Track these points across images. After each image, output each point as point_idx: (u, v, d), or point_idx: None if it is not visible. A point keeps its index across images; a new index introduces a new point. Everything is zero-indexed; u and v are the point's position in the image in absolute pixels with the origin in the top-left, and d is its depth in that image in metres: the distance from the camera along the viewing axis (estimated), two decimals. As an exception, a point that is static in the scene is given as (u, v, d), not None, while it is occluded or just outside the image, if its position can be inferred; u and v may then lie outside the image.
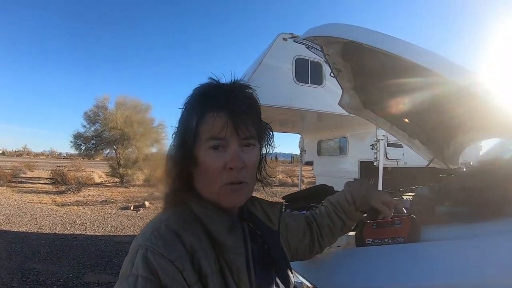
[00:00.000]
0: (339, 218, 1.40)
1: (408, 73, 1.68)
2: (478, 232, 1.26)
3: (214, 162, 0.94)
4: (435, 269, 1.21)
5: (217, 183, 0.95)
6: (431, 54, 1.44)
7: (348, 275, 1.40)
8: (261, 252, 1.06)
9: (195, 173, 0.99)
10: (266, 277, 1.04)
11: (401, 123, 2.74)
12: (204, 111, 0.95)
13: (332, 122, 7.54)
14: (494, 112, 1.55)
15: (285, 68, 6.26)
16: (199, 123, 0.95)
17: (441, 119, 2.33)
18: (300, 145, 10.30)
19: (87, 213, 11.55)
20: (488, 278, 1.11)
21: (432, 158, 2.81)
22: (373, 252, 1.45)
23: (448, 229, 1.38)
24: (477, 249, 1.20)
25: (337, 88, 2.59)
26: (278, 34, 6.28)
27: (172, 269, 0.81)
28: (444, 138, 2.65)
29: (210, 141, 0.94)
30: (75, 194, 16.21)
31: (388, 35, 1.52)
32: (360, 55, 1.89)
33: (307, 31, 1.82)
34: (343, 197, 1.42)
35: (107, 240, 8.02)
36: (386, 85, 2.20)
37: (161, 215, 0.96)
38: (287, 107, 5.91)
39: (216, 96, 0.96)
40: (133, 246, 0.87)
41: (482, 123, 2.16)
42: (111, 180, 24.37)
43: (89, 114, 23.76)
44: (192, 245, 0.86)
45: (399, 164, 6.76)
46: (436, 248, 1.29)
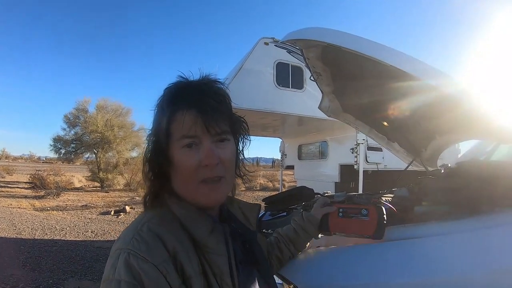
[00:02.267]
0: (288, 250, 1.46)
1: (386, 76, 1.71)
2: (453, 229, 1.29)
3: (189, 160, 0.93)
4: (411, 266, 1.24)
5: (193, 181, 0.94)
6: (409, 58, 1.47)
7: (327, 273, 1.41)
8: (242, 252, 1.06)
9: (172, 174, 0.98)
10: (249, 277, 1.04)
11: (380, 126, 2.77)
12: (174, 110, 0.96)
13: (313, 126, 7.60)
14: (470, 114, 1.59)
15: (266, 72, 6.30)
16: (170, 122, 0.95)
17: (419, 122, 2.37)
18: (281, 149, 10.36)
19: (67, 218, 11.34)
20: (462, 274, 1.14)
21: (411, 160, 2.85)
22: (352, 250, 1.48)
23: (425, 227, 1.41)
24: (452, 246, 1.24)
25: (318, 92, 2.61)
26: (259, 39, 6.32)
27: (156, 273, 0.79)
28: (422, 140, 2.69)
29: (183, 140, 0.94)
30: (54, 198, 15.87)
31: (366, 39, 1.54)
32: (339, 58, 1.91)
33: (287, 34, 1.84)
34: (291, 229, 1.49)
35: (87, 246, 7.88)
36: (365, 89, 2.23)
37: (142, 218, 0.94)
38: (267, 111, 5.95)
39: (185, 95, 0.97)
40: (114, 250, 0.85)
41: (458, 125, 2.20)
42: (91, 184, 23.98)
43: (69, 117, 23.39)
44: (174, 248, 0.85)
45: (379, 167, 6.85)
46: (412, 246, 1.32)
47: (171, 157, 0.95)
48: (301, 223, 1.49)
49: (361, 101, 2.48)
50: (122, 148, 23.03)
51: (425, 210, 1.56)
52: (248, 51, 6.32)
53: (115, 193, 19.76)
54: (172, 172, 0.98)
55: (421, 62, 1.46)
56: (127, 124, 24.29)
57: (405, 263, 1.27)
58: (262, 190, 22.31)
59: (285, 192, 2.33)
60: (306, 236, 1.47)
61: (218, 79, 1.04)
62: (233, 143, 1.04)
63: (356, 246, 1.49)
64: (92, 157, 24.25)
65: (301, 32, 1.77)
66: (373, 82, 1.98)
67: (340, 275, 1.38)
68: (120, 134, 23.28)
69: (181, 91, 0.98)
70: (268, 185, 24.64)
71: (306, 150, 9.61)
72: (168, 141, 0.95)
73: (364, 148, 6.63)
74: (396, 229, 1.47)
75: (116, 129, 22.95)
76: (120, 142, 22.96)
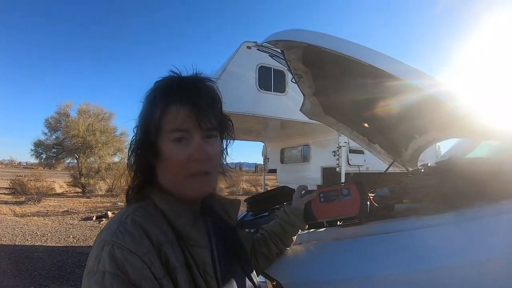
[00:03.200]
0: (275, 246, 1.45)
1: (366, 77, 1.74)
2: (434, 223, 1.32)
3: (178, 154, 0.94)
4: (390, 260, 1.27)
5: (181, 174, 0.95)
6: (388, 58, 1.49)
7: (310, 269, 1.42)
8: (223, 246, 1.07)
9: (158, 166, 0.99)
10: (231, 270, 1.05)
11: (361, 128, 2.80)
12: (167, 103, 0.96)
13: (295, 129, 7.66)
14: (449, 113, 1.62)
15: (249, 76, 6.34)
16: (162, 115, 0.96)
17: (399, 122, 2.41)
18: (263, 153, 10.38)
19: (48, 224, 11.13)
20: (443, 265, 1.17)
21: (392, 161, 2.89)
22: (334, 246, 1.50)
23: (405, 221, 1.43)
24: (433, 238, 1.27)
25: (300, 96, 2.62)
26: (242, 42, 6.35)
27: (141, 264, 0.79)
28: (402, 141, 2.73)
29: (174, 133, 0.95)
30: (35, 204, 15.55)
31: (346, 40, 1.56)
32: (320, 60, 1.93)
33: (268, 36, 1.85)
34: (277, 224, 1.49)
35: (69, 251, 7.75)
36: (346, 90, 2.26)
37: (125, 210, 0.94)
38: (250, 115, 5.97)
39: (179, 89, 0.98)
40: (98, 242, 0.85)
41: (437, 125, 2.25)
42: (72, 190, 23.47)
43: (51, 121, 22.81)
44: (158, 239, 0.86)
45: (361, 169, 6.93)
46: (393, 239, 1.35)
47: (159, 149, 0.96)
48: (285, 218, 1.48)
49: (342, 103, 2.51)
50: (104, 153, 22.67)
51: (405, 207, 1.59)
52: (231, 55, 6.34)
53: (97, 198, 19.47)
54: (159, 165, 0.99)
55: (400, 62, 1.48)
56: (109, 128, 23.93)
57: (387, 256, 1.29)
58: (245, 194, 22.25)
59: (266, 192, 2.34)
60: (293, 230, 1.47)
61: (210, 77, 1.06)
62: (219, 140, 1.06)
63: (338, 241, 1.51)
64: (73, 163, 23.79)
65: (282, 33, 1.79)
66: (354, 83, 2.01)
67: (323, 270, 1.39)
68: (102, 139, 22.89)
69: (175, 85, 0.99)
70: (251, 190, 24.62)
71: (289, 153, 9.66)
72: (158, 134, 0.96)
73: (346, 151, 6.71)
74: (377, 224, 1.49)
75: (98, 134, 22.57)
76: (102, 147, 22.59)
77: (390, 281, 1.23)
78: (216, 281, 0.91)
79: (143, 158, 0.99)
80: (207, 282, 0.89)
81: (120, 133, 24.45)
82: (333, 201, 1.45)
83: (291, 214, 1.48)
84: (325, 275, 1.37)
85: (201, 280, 0.88)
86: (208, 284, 0.89)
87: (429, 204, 1.47)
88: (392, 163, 2.89)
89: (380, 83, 1.66)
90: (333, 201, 1.45)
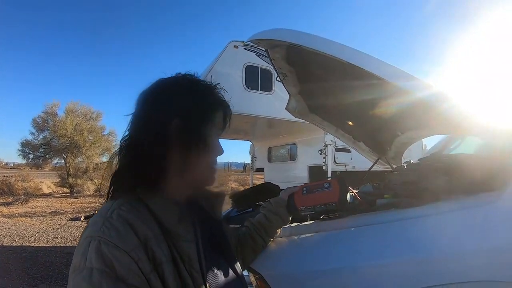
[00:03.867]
0: (260, 237, 1.48)
1: (347, 75, 1.76)
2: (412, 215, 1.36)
3: (220, 148, 1.12)
4: (370, 251, 1.31)
5: (213, 166, 1.09)
6: (369, 57, 1.52)
7: (293, 261, 1.45)
8: (209, 239, 1.08)
9: (195, 157, 1.02)
10: (216, 264, 1.06)
11: (346, 126, 2.83)
12: (216, 101, 1.09)
13: (282, 128, 7.67)
14: (430, 111, 1.66)
15: (235, 75, 6.34)
16: (215, 110, 1.07)
17: (382, 120, 2.43)
18: (251, 152, 10.37)
19: (36, 225, 10.99)
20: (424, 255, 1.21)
21: (376, 159, 2.93)
22: (314, 239, 1.52)
23: (383, 214, 1.48)
24: (407, 231, 1.32)
25: (286, 94, 2.64)
26: (229, 42, 6.35)
27: (128, 260, 0.80)
28: (386, 139, 2.76)
29: (219, 130, 1.12)
30: (23, 205, 15.33)
31: (327, 39, 1.59)
32: (303, 59, 1.95)
33: (252, 35, 1.87)
34: (262, 215, 1.53)
35: (57, 252, 7.66)
36: (329, 89, 2.28)
37: (110, 204, 0.93)
38: (236, 114, 5.96)
39: (217, 91, 1.11)
40: (84, 238, 0.85)
41: (419, 123, 2.29)
42: (60, 190, 23.13)
43: (38, 120, 22.40)
44: (145, 234, 0.86)
45: (348, 168, 6.98)
46: (371, 232, 1.40)
47: (208, 139, 1.04)
48: (269, 207, 1.53)
49: (327, 101, 2.53)
50: (91, 153, 22.37)
51: (386, 202, 1.62)
52: (218, 54, 6.35)
53: (85, 199, 19.24)
54: (199, 155, 1.02)
55: (381, 61, 1.50)
56: (97, 128, 23.61)
57: (367, 247, 1.34)
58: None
59: (251, 188, 2.36)
60: (277, 220, 1.50)
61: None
62: None
63: (319, 234, 1.54)
64: (61, 163, 23.42)
65: (264, 33, 1.81)
66: (337, 82, 2.04)
67: (304, 262, 1.42)
68: (89, 139, 22.60)
69: (212, 87, 1.10)
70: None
71: (276, 152, 9.69)
72: (210, 125, 1.06)
73: (332, 149, 6.76)
74: (358, 217, 1.53)
75: (86, 134, 22.28)
76: (90, 146, 22.30)
77: (369, 271, 1.27)
78: (202, 275, 0.92)
79: (188, 144, 1.00)
80: (193, 277, 0.90)
81: (108, 132, 24.22)
82: (314, 193, 1.52)
83: (276, 203, 1.54)
84: (306, 266, 1.40)
85: (187, 275, 0.89)
86: (193, 279, 0.90)
87: (409, 199, 1.51)
88: (376, 160, 2.92)
89: (362, 82, 1.68)
90: (315, 192, 1.52)
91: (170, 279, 0.85)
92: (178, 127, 0.98)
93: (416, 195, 1.52)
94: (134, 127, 1.02)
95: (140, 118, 1.02)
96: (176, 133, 0.98)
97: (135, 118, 1.03)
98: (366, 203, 1.69)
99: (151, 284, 0.82)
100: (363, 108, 2.29)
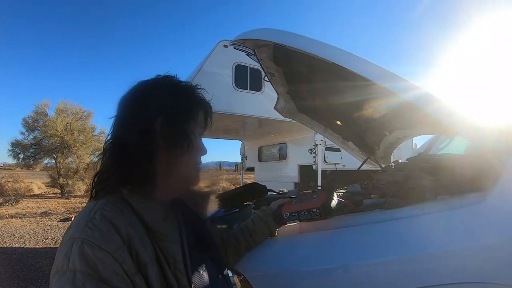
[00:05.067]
0: (245, 239, 1.48)
1: (333, 76, 1.76)
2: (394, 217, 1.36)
3: (204, 148, 1.10)
4: (352, 251, 1.31)
5: (197, 165, 1.08)
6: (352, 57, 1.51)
7: (276, 261, 1.45)
8: (194, 240, 1.07)
9: (181, 156, 1.01)
10: (201, 264, 1.05)
11: (335, 125, 2.84)
12: (200, 101, 1.09)
13: (272, 128, 7.68)
14: (417, 111, 1.66)
15: (225, 74, 6.34)
16: (196, 109, 1.07)
17: (369, 120, 2.44)
18: (241, 152, 10.38)
19: (26, 226, 10.86)
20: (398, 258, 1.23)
21: (365, 158, 2.94)
22: (296, 239, 1.53)
23: (368, 215, 1.48)
24: (390, 231, 1.33)
25: (276, 94, 2.64)
26: (218, 41, 6.34)
27: (112, 261, 0.78)
28: (374, 138, 2.78)
29: (201, 130, 1.10)
30: (13, 206, 15.12)
31: (312, 38, 1.58)
32: (290, 59, 1.94)
33: (238, 35, 1.86)
34: (250, 220, 1.54)
35: (47, 253, 7.57)
36: (316, 89, 2.28)
37: (93, 204, 0.91)
38: (226, 113, 5.96)
39: (197, 91, 1.11)
40: (67, 239, 0.82)
41: (406, 122, 2.30)
42: (51, 191, 22.87)
43: (28, 120, 22.06)
44: (128, 235, 0.84)
45: (338, 167, 6.99)
46: (355, 232, 1.40)
47: (192, 139, 1.03)
48: (258, 213, 1.54)
49: (315, 101, 2.53)
50: (82, 152, 22.12)
51: (373, 202, 1.63)
52: (207, 54, 6.33)
53: (76, 199, 19.04)
54: (184, 154, 1.01)
55: (367, 61, 1.50)
56: (88, 128, 23.32)
57: (349, 248, 1.35)
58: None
59: (237, 188, 2.34)
60: (263, 225, 1.49)
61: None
62: None
63: (302, 235, 1.54)
64: (51, 163, 23.13)
65: (250, 33, 1.79)
66: (323, 81, 2.04)
67: (286, 262, 1.43)
68: (80, 139, 22.32)
69: (196, 89, 1.11)
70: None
71: (266, 152, 9.71)
72: (191, 125, 1.05)
73: (322, 149, 6.79)
74: (341, 218, 1.53)
75: (76, 133, 22.00)
76: (81, 146, 22.05)
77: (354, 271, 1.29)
78: (187, 277, 0.91)
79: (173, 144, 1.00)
80: (178, 279, 0.89)
81: (99, 132, 24.00)
82: (302, 202, 1.52)
83: (263, 212, 1.53)
84: (289, 267, 1.41)
85: (171, 276, 0.88)
86: (178, 280, 0.89)
87: (395, 199, 1.51)
88: (365, 160, 2.94)
89: (348, 83, 1.68)
90: (302, 202, 1.52)
91: (155, 281, 0.84)
92: (161, 126, 0.98)
93: (402, 195, 1.52)
94: (117, 129, 1.01)
95: (123, 120, 1.01)
96: (160, 132, 0.97)
97: (118, 120, 1.02)
98: (353, 203, 1.69)
99: (136, 286, 0.81)
100: (350, 108, 2.30)
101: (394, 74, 1.45)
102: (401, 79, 1.44)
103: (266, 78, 2.36)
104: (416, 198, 1.45)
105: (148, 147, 0.96)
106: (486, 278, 1.16)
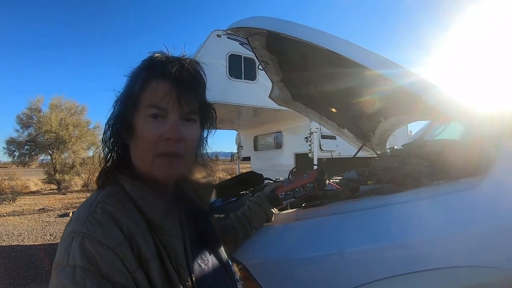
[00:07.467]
0: (242, 226, 1.47)
1: (328, 63, 1.76)
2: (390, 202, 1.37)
3: (151, 130, 0.91)
4: (349, 238, 1.32)
5: (151, 153, 0.91)
6: (348, 43, 1.51)
7: (271, 248, 1.46)
8: (196, 233, 1.06)
9: (132, 144, 0.96)
10: (203, 258, 1.04)
11: (330, 113, 2.83)
12: (148, 77, 0.93)
13: (267, 116, 7.68)
14: (412, 97, 1.66)
15: (219, 64, 6.32)
16: (142, 89, 0.93)
17: (364, 107, 2.44)
18: (237, 141, 10.40)
19: (24, 223, 10.83)
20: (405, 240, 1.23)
21: (361, 145, 2.94)
22: (294, 226, 1.54)
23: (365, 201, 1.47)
24: (387, 217, 1.33)
25: (270, 83, 2.63)
26: (212, 31, 6.31)
27: (113, 257, 0.77)
28: (369, 125, 2.78)
29: (150, 109, 0.91)
30: (10, 204, 15.05)
31: (305, 25, 1.57)
32: (283, 46, 1.94)
33: (231, 24, 1.84)
34: (246, 206, 1.53)
35: (46, 249, 7.56)
36: (311, 76, 2.28)
37: (94, 198, 0.89)
38: (220, 103, 5.94)
39: (164, 64, 0.94)
40: (68, 233, 0.81)
41: (401, 109, 2.30)
42: (47, 187, 22.73)
43: (22, 117, 21.92)
44: (130, 230, 0.83)
45: (333, 154, 7.00)
46: (352, 218, 1.40)
47: (134, 125, 0.93)
48: (253, 199, 1.53)
49: (309, 89, 2.52)
50: (78, 147, 22.01)
51: (369, 188, 1.63)
52: (201, 44, 6.30)
53: (73, 194, 18.98)
54: (132, 143, 0.95)
55: (361, 48, 1.49)
56: (82, 122, 23.17)
57: (347, 234, 1.36)
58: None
59: (234, 177, 2.35)
60: (259, 210, 1.49)
61: (198, 61, 1.03)
62: (199, 127, 1.02)
63: (300, 222, 1.55)
64: (47, 159, 22.96)
65: (243, 21, 1.78)
66: (317, 69, 2.03)
67: (284, 249, 1.43)
68: (75, 134, 22.16)
69: (160, 61, 0.96)
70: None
71: (262, 141, 9.71)
72: (135, 109, 0.93)
73: (317, 137, 6.80)
74: (339, 204, 1.54)
75: (71, 128, 21.86)
76: (76, 141, 21.92)
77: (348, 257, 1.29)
78: (189, 272, 0.90)
79: (118, 134, 0.96)
80: (179, 274, 0.88)
81: (94, 126, 23.88)
82: (294, 181, 1.52)
83: (258, 197, 1.53)
84: (287, 254, 1.41)
85: (173, 271, 0.87)
86: (180, 275, 0.88)
87: (391, 185, 1.51)
88: (361, 147, 2.94)
89: (343, 70, 1.67)
90: (294, 181, 1.52)
91: (156, 276, 0.83)
92: (112, 111, 0.99)
93: (398, 181, 1.52)
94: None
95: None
96: (111, 118, 0.98)
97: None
98: (348, 190, 1.69)
99: (137, 282, 0.80)
100: (345, 95, 2.30)
101: (389, 60, 1.44)
102: (396, 65, 1.43)
103: (260, 67, 2.35)
104: (412, 184, 1.45)
105: (113, 137, 0.99)
106: (479, 262, 1.18)
